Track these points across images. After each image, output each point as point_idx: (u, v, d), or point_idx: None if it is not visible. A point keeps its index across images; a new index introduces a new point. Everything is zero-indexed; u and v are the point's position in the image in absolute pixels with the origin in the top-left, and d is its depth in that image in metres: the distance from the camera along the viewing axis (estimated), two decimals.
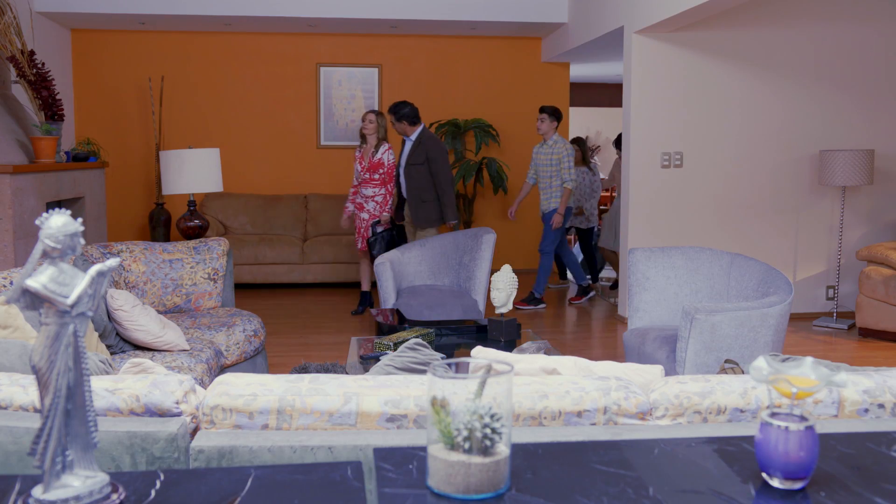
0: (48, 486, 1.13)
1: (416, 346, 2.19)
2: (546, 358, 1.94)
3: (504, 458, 1.18)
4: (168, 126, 8.06)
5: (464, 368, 1.24)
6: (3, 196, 4.72)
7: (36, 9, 6.76)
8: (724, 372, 2.78)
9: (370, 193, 6.20)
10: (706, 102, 6.20)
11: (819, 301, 6.44)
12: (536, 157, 6.78)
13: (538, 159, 6.75)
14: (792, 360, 1.26)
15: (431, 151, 6.08)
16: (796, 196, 6.36)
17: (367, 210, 6.21)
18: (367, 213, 6.21)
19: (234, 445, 1.53)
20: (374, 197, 6.20)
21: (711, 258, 4.30)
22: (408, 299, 4.99)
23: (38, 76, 5.59)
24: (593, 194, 7.62)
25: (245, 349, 4.07)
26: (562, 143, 6.66)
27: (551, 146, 6.67)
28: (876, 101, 6.32)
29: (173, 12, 7.04)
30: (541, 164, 6.72)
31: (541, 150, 6.76)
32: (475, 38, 8.35)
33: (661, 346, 3.82)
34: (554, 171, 6.63)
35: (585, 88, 12.15)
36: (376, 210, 6.20)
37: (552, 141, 6.67)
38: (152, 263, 4.41)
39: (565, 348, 5.50)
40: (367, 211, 6.21)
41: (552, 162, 6.64)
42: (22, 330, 2.65)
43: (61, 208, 1.15)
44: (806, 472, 1.21)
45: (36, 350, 1.12)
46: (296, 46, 8.17)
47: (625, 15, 6.11)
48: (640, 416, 1.68)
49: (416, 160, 6.11)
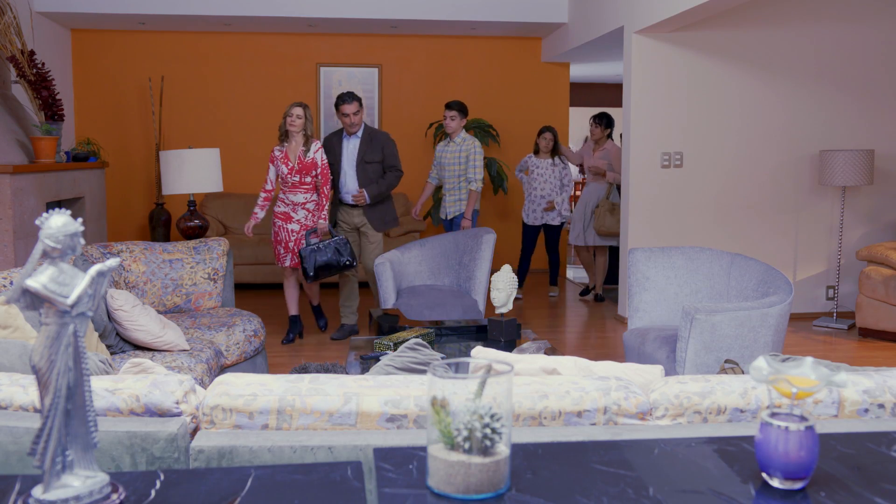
0: (48, 486, 1.13)
1: (416, 346, 2.19)
2: (546, 358, 1.94)
3: (504, 458, 1.18)
4: (168, 126, 8.06)
5: (464, 368, 1.24)
6: (3, 196, 4.72)
7: (36, 9, 6.76)
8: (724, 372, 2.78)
9: (300, 200, 5.31)
10: (706, 102, 6.20)
11: (819, 301, 6.44)
12: (442, 157, 6.21)
13: (444, 158, 6.19)
14: (792, 360, 1.26)
15: (388, 147, 5.59)
16: (796, 196, 6.36)
17: (296, 220, 5.30)
18: (296, 224, 5.30)
19: (234, 445, 1.53)
20: (306, 204, 5.32)
21: (711, 258, 4.30)
22: (408, 299, 4.99)
23: (38, 76, 5.60)
24: (563, 188, 7.06)
25: (245, 349, 4.07)
26: (470, 140, 6.14)
27: (459, 144, 6.13)
28: (876, 101, 6.32)
29: (173, 12, 7.04)
30: (447, 164, 6.16)
31: (447, 148, 6.19)
32: (475, 38, 8.35)
33: (661, 346, 3.82)
34: (462, 170, 6.12)
35: (585, 88, 12.15)
36: (308, 219, 5.32)
37: (460, 138, 6.14)
38: (152, 263, 4.41)
39: (565, 348, 5.50)
40: (296, 221, 5.30)
41: (460, 161, 6.12)
42: (22, 330, 2.65)
43: (61, 208, 1.15)
44: (806, 472, 1.21)
45: (36, 350, 1.12)
46: (296, 46, 8.17)
47: (625, 15, 6.11)
48: (640, 416, 1.68)
49: (372, 157, 5.53)
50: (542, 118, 8.26)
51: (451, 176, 6.17)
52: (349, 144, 5.56)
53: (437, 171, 6.29)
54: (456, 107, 6.11)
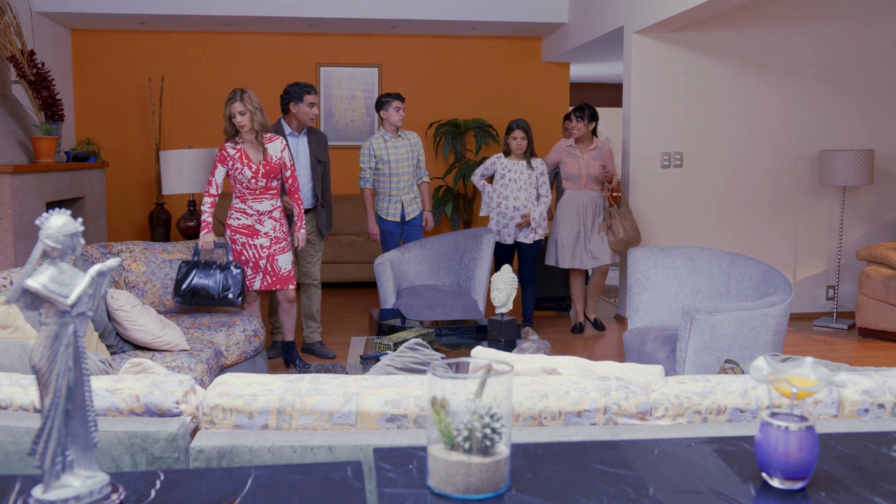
0: (48, 486, 1.13)
1: (416, 346, 2.19)
2: (546, 358, 1.94)
3: (504, 458, 1.18)
4: (168, 126, 8.06)
5: (464, 368, 1.24)
6: (3, 196, 4.72)
7: (36, 9, 6.76)
8: (724, 372, 2.78)
9: (266, 208, 4.46)
10: (706, 102, 6.20)
11: (819, 301, 6.44)
12: (387, 154, 5.45)
13: (394, 155, 5.47)
14: (792, 360, 1.26)
15: (326, 145, 5.16)
16: (796, 196, 6.36)
17: (263, 234, 4.46)
18: (265, 238, 4.47)
19: (234, 445, 1.53)
20: (272, 212, 4.49)
21: (711, 258, 4.30)
22: (408, 299, 4.99)
23: (38, 76, 5.59)
24: (540, 198, 5.69)
25: (245, 349, 4.07)
26: (411, 133, 5.64)
27: (409, 139, 5.57)
28: (876, 101, 6.32)
29: (173, 12, 7.04)
30: (398, 161, 5.48)
31: (396, 143, 5.48)
32: (475, 38, 8.35)
33: (661, 346, 3.82)
34: (412, 165, 5.56)
35: (585, 88, 12.15)
36: (278, 230, 4.51)
37: (409, 134, 5.62)
38: (152, 263, 4.41)
39: (565, 348, 5.50)
40: (264, 234, 4.46)
41: (411, 156, 5.55)
42: (22, 330, 2.65)
43: (61, 208, 1.15)
44: (806, 472, 1.21)
45: (36, 350, 1.12)
46: (296, 46, 8.17)
47: (625, 15, 6.11)
48: (640, 416, 1.68)
49: (322, 156, 5.06)
50: (542, 118, 8.25)
51: (402, 174, 5.50)
52: (299, 143, 4.98)
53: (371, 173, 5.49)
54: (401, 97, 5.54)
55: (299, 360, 4.86)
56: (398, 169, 5.47)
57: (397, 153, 5.48)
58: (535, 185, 5.66)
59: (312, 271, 5.12)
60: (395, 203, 5.52)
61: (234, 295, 4.27)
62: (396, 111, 5.45)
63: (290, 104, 4.94)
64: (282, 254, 4.52)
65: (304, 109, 4.91)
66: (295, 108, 4.92)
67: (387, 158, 5.45)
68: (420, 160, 5.60)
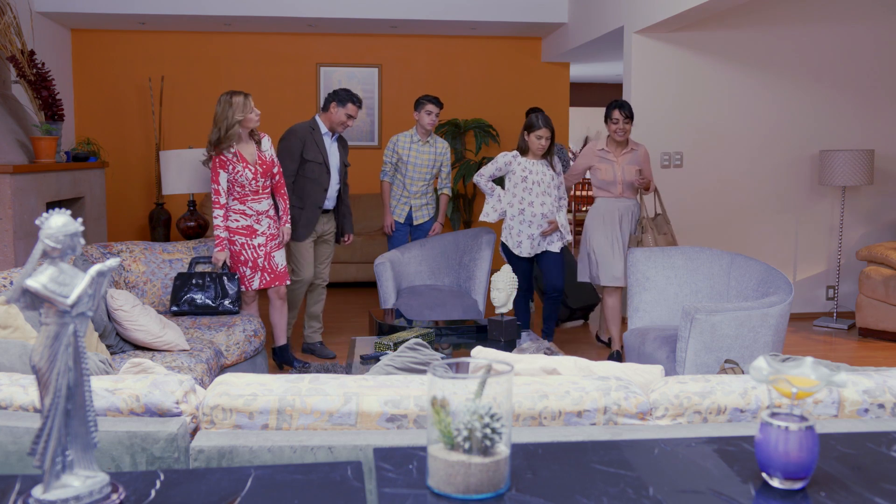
0: (48, 486, 1.13)
1: (416, 346, 2.19)
2: (546, 358, 1.94)
3: (504, 458, 1.18)
4: (168, 126, 8.06)
5: (464, 368, 1.24)
6: (3, 196, 4.72)
7: (36, 9, 6.76)
8: (724, 372, 2.78)
9: (264, 208, 4.50)
10: (706, 102, 6.20)
11: (819, 301, 6.44)
12: (408, 156, 5.44)
13: (414, 159, 5.45)
14: (792, 360, 1.26)
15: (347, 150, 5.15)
16: (796, 196, 6.36)
17: (260, 233, 4.49)
18: (262, 237, 4.49)
19: (234, 445, 1.53)
20: (269, 211, 4.53)
21: (711, 258, 4.30)
22: (408, 299, 4.99)
23: (38, 76, 5.59)
24: (560, 201, 5.00)
25: (245, 349, 4.07)
26: (442, 142, 5.57)
27: (436, 147, 5.52)
28: (875, 101, 6.32)
29: (173, 12, 7.04)
30: (416, 166, 5.46)
31: (421, 148, 5.45)
32: (475, 38, 8.35)
33: (661, 346, 3.82)
34: (431, 174, 5.52)
35: (585, 88, 12.15)
36: (272, 228, 4.53)
37: (440, 142, 5.56)
38: (152, 263, 4.41)
39: (565, 348, 5.50)
40: (261, 234, 4.49)
41: (433, 165, 5.51)
42: (22, 330, 2.65)
43: (61, 208, 1.15)
44: (806, 472, 1.21)
45: (36, 350, 1.12)
46: (296, 46, 8.17)
47: (625, 15, 6.11)
48: (640, 416, 1.68)
49: (346, 161, 5.08)
50: None
51: (418, 179, 5.50)
52: (333, 146, 4.96)
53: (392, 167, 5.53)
54: (439, 102, 5.47)
55: (298, 360, 4.89)
56: (415, 174, 5.49)
57: (419, 158, 5.48)
58: (556, 186, 4.96)
59: (324, 271, 5.15)
60: (404, 205, 5.58)
61: (231, 302, 4.34)
62: (428, 114, 5.42)
63: (332, 104, 4.90)
64: (277, 250, 4.58)
65: (341, 116, 4.87)
66: (334, 110, 4.88)
67: (406, 160, 5.48)
68: (443, 170, 5.60)
